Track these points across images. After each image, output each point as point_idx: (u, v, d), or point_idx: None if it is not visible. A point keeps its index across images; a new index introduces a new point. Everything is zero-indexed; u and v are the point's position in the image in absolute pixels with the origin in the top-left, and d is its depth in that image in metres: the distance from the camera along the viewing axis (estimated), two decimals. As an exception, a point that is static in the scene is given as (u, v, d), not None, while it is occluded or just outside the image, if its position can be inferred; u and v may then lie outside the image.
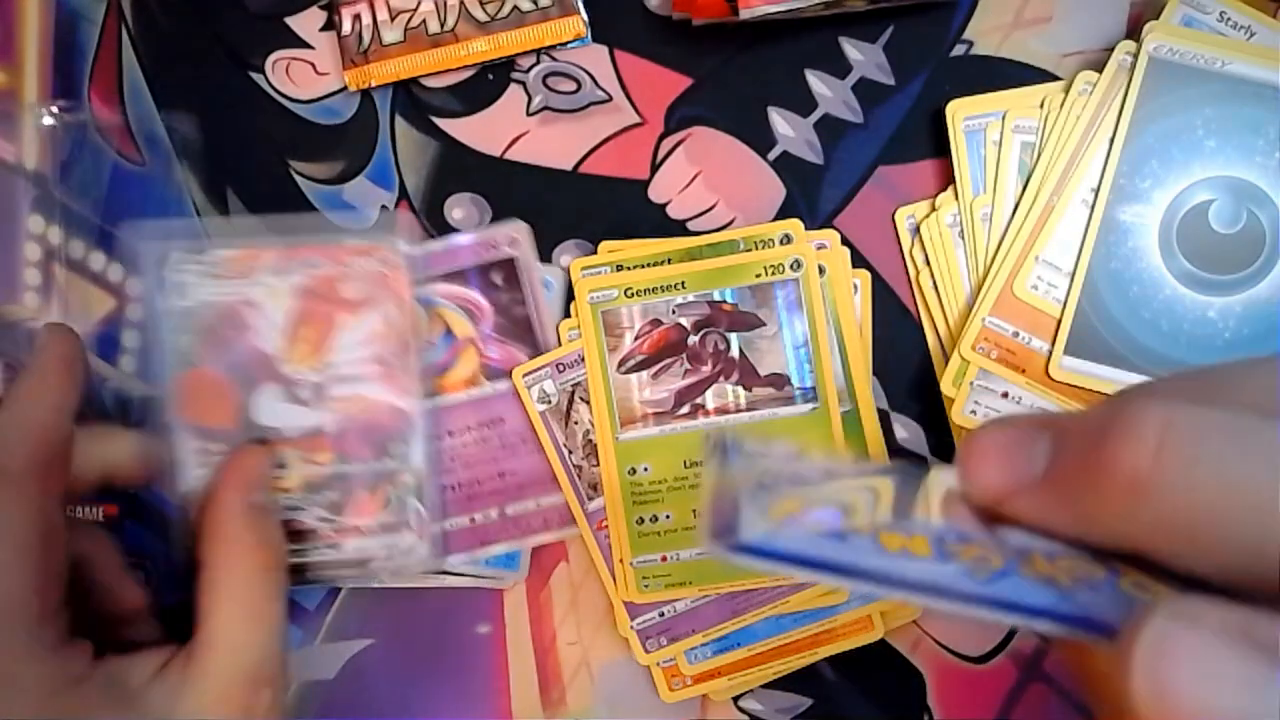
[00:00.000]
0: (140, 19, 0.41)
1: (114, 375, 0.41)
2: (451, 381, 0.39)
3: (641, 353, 0.37)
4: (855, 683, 0.38)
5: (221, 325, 0.36)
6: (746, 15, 0.35)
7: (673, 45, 0.39)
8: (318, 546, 0.37)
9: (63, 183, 0.40)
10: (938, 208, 0.37)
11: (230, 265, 0.37)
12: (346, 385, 0.37)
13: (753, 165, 0.39)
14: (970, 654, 0.38)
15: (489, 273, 0.38)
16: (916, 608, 0.36)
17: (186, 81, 0.40)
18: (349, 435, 0.37)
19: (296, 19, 0.40)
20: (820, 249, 0.37)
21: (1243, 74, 0.35)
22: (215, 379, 0.37)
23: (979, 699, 0.37)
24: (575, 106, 0.39)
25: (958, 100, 0.37)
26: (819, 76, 0.38)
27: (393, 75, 0.39)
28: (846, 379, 0.37)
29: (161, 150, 0.40)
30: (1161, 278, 0.35)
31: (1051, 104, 0.36)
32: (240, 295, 0.37)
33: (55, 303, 0.40)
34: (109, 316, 0.41)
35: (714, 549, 0.16)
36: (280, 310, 0.37)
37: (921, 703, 0.38)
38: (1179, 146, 0.35)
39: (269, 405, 0.37)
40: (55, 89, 0.41)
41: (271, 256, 0.37)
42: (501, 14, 0.38)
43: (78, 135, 0.40)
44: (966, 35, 0.38)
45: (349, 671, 0.40)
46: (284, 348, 0.37)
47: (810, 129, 0.38)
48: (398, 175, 0.40)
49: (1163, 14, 0.35)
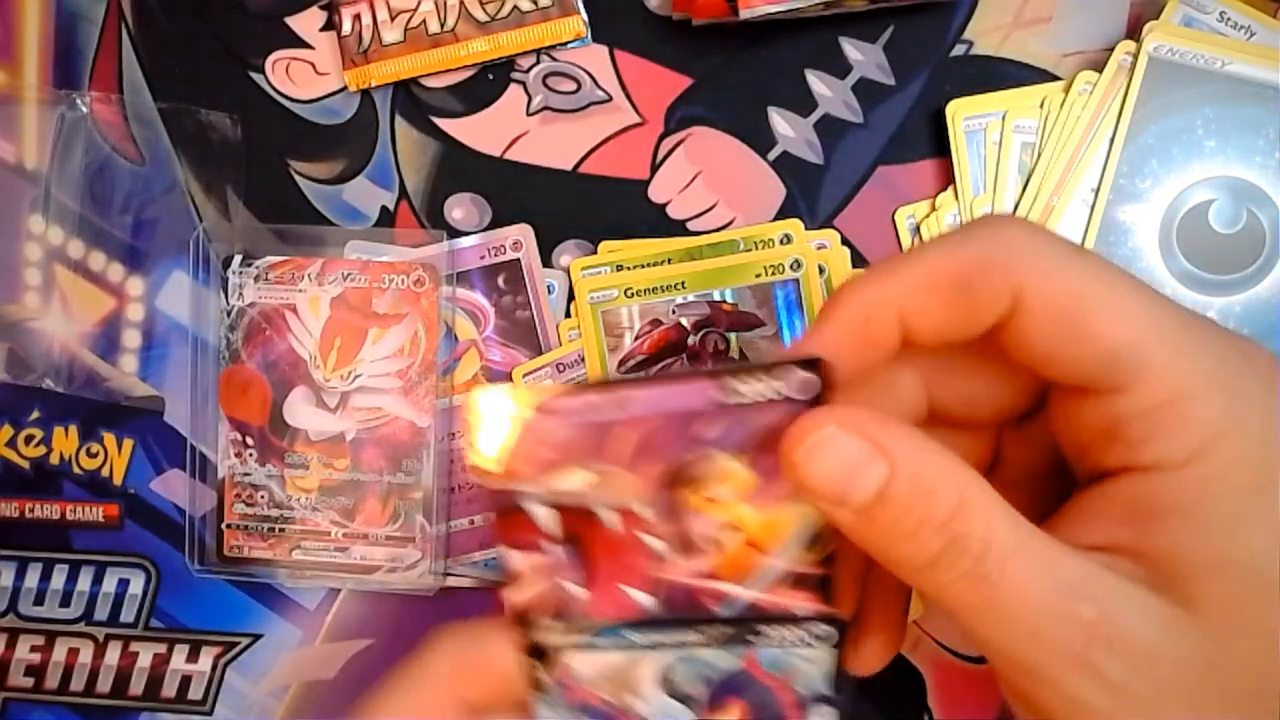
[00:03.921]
0: (140, 19, 0.41)
1: (114, 375, 0.41)
2: (453, 384, 0.39)
3: (641, 353, 0.37)
4: (855, 683, 0.38)
5: (264, 327, 0.38)
6: (746, 15, 0.35)
7: (673, 45, 0.39)
8: (328, 548, 0.38)
9: (63, 182, 0.40)
10: (938, 208, 0.37)
11: (277, 271, 0.38)
12: (368, 396, 0.38)
13: (753, 165, 0.38)
14: (970, 654, 0.38)
15: (493, 275, 0.39)
16: (917, 607, 0.36)
17: (186, 81, 0.40)
18: (367, 446, 0.38)
19: (296, 19, 0.40)
20: (820, 249, 0.37)
21: (1243, 74, 0.35)
22: (253, 377, 0.38)
23: (979, 699, 0.37)
24: (575, 106, 0.39)
25: (958, 100, 0.37)
26: (819, 76, 0.38)
27: (393, 75, 0.39)
28: (846, 379, 0.37)
29: (161, 150, 0.40)
30: (1161, 278, 0.35)
31: (1051, 104, 0.36)
32: (284, 300, 0.38)
33: (55, 303, 0.40)
34: (109, 316, 0.41)
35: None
36: (317, 318, 0.38)
37: (921, 703, 0.38)
38: (1179, 146, 0.35)
39: (299, 407, 0.38)
40: (55, 89, 0.41)
41: (315, 266, 0.38)
42: (501, 14, 0.38)
43: (78, 135, 0.40)
44: (966, 35, 0.38)
45: (349, 671, 0.40)
46: (317, 354, 0.37)
47: (810, 129, 0.38)
48: (398, 175, 0.40)
49: (1163, 14, 0.35)
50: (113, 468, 0.41)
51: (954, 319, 0.21)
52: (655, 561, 0.21)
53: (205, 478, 0.40)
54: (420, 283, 0.38)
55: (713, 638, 0.22)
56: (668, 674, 0.22)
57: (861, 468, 0.19)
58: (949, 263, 0.21)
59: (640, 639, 0.22)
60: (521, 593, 0.22)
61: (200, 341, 0.40)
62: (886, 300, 0.21)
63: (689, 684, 0.22)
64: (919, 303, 0.21)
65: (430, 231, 0.39)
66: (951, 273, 0.21)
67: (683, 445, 0.21)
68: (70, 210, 0.40)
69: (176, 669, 0.41)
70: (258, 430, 0.39)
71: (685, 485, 0.21)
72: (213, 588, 0.40)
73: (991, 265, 0.20)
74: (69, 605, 0.41)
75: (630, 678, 0.22)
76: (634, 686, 0.22)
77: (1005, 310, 0.20)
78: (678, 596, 0.21)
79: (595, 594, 0.22)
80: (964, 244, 0.21)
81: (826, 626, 0.21)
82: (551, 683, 0.23)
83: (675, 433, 0.21)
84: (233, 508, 0.39)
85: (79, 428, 0.41)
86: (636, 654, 0.22)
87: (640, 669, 0.22)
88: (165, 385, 0.40)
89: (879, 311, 0.21)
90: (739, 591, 0.21)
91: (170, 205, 0.40)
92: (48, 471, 0.41)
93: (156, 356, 0.41)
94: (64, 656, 0.41)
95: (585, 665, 0.22)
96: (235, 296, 0.39)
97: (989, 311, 0.20)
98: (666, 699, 0.22)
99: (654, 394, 0.21)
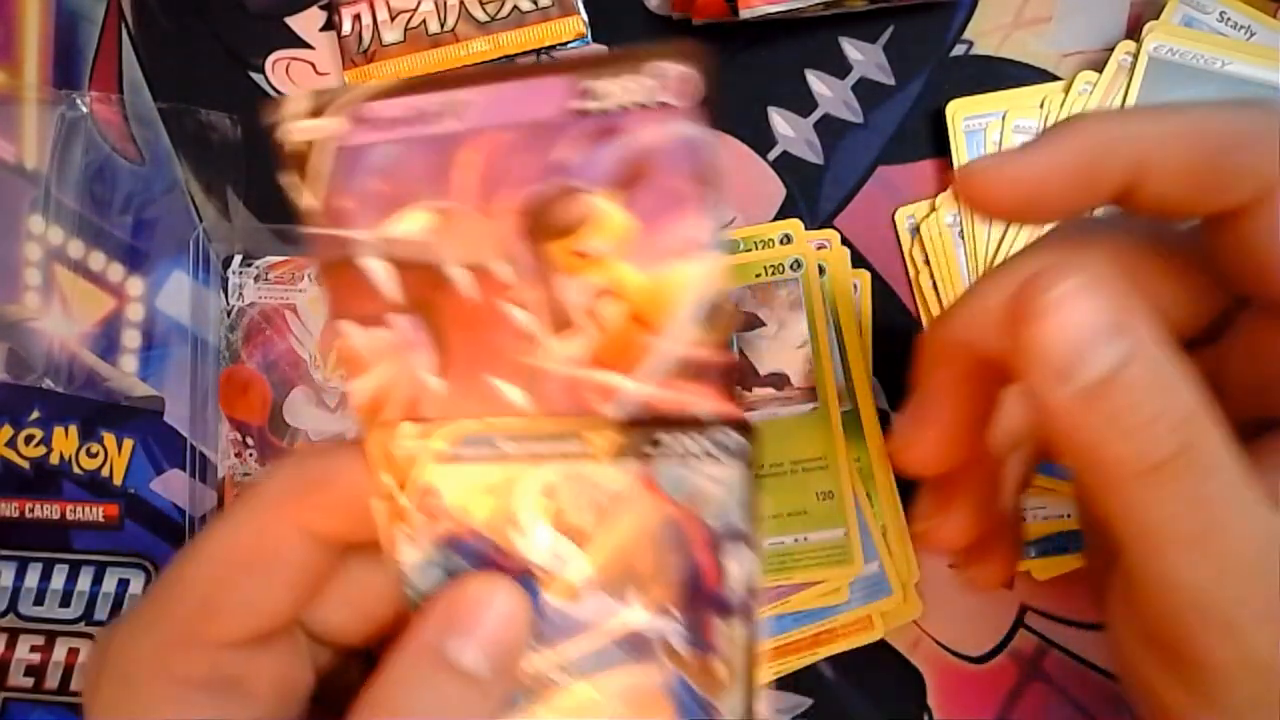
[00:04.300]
0: (140, 19, 0.41)
1: (114, 375, 0.41)
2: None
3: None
4: (855, 683, 0.38)
5: (264, 327, 0.38)
6: (746, 15, 0.35)
7: (673, 45, 0.39)
8: None
9: (63, 182, 0.40)
10: (938, 208, 0.37)
11: (277, 271, 0.38)
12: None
13: (753, 165, 0.38)
14: (970, 654, 0.38)
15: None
16: (917, 607, 0.36)
17: (186, 81, 0.40)
18: None
19: (296, 19, 0.40)
20: (820, 249, 0.37)
21: (1243, 74, 0.35)
22: (253, 377, 0.38)
23: (979, 699, 0.37)
24: (575, 106, 0.39)
25: (958, 100, 0.37)
26: (819, 76, 0.38)
27: (393, 75, 0.39)
28: (846, 379, 0.37)
29: (161, 150, 0.40)
30: (1161, 278, 0.35)
31: (1051, 104, 0.36)
32: (284, 300, 0.38)
33: (55, 303, 0.40)
34: (109, 316, 0.41)
35: None
36: (317, 318, 0.38)
37: (921, 703, 0.38)
38: (1179, 146, 0.35)
39: (299, 407, 0.38)
40: (55, 89, 0.41)
41: (315, 266, 0.38)
42: (501, 14, 0.38)
43: (78, 135, 0.40)
44: (966, 35, 0.38)
45: (349, 671, 0.40)
46: (317, 354, 0.38)
47: (810, 129, 0.38)
48: (398, 175, 0.40)
49: (1163, 14, 0.35)
50: (113, 468, 0.41)
51: (1194, 191, 0.18)
52: (522, 342, 0.17)
53: (205, 478, 0.40)
54: None
55: (600, 449, 0.18)
56: (550, 498, 0.18)
57: (1104, 338, 0.16)
58: (1220, 124, 0.18)
59: (514, 449, 0.18)
60: (367, 382, 0.18)
61: (200, 341, 0.40)
62: (1134, 142, 0.18)
63: (574, 510, 0.18)
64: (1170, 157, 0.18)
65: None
66: (1220, 135, 0.18)
67: (539, 172, 0.16)
68: (70, 210, 0.40)
69: (176, 669, 0.41)
70: (258, 430, 0.39)
71: (549, 233, 0.17)
72: (213, 588, 0.40)
73: (1264, 144, 0.18)
74: (69, 605, 0.41)
75: (506, 503, 0.19)
76: (510, 514, 0.19)
77: (1249, 200, 0.18)
78: (553, 390, 0.18)
79: (455, 385, 0.18)
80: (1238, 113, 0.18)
81: (737, 436, 0.17)
82: (411, 509, 0.19)
83: (528, 154, 0.16)
84: (233, 508, 0.39)
85: (79, 428, 0.41)
86: (509, 469, 0.18)
87: (516, 490, 0.18)
88: (165, 385, 0.40)
89: (1118, 151, 0.18)
90: (627, 386, 0.17)
91: (170, 205, 0.40)
92: (48, 471, 0.41)
93: (156, 356, 0.41)
94: (64, 656, 0.41)
95: (450, 484, 0.19)
96: (235, 296, 0.39)
97: (1235, 194, 0.18)
98: (549, 530, 0.18)
99: (496, 96, 0.16)
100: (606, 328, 0.17)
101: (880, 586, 0.36)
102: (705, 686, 0.19)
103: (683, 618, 0.19)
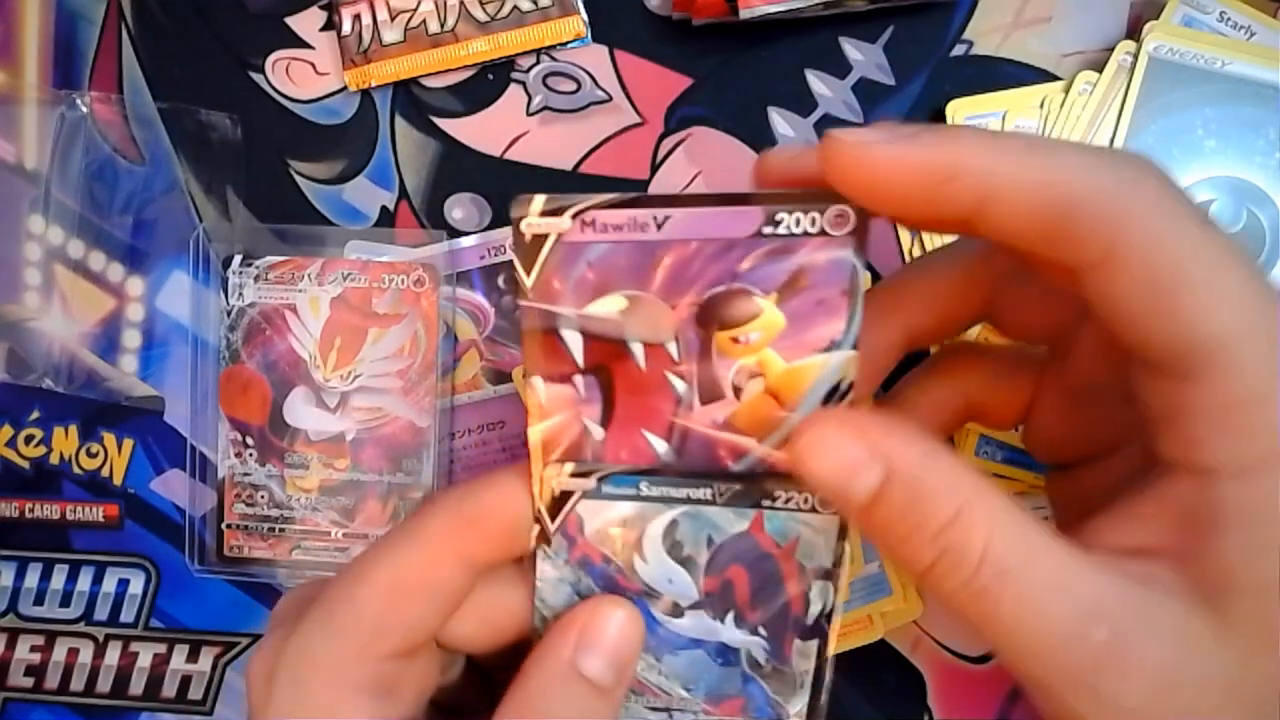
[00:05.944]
0: (140, 19, 0.41)
1: (114, 375, 0.41)
2: (453, 384, 0.39)
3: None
4: (855, 683, 0.38)
5: (264, 327, 0.38)
6: (746, 15, 0.35)
7: (673, 45, 0.39)
8: (328, 548, 0.38)
9: (63, 182, 0.40)
10: (938, 208, 0.37)
11: (277, 271, 0.38)
12: (369, 396, 0.38)
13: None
14: (970, 654, 0.38)
15: (493, 275, 0.39)
16: (917, 607, 0.36)
17: (186, 81, 0.40)
18: (367, 446, 0.38)
19: (296, 19, 0.40)
20: (820, 249, 0.37)
21: (1243, 74, 0.35)
22: (253, 377, 0.38)
23: (979, 699, 0.37)
24: (575, 106, 0.39)
25: (958, 100, 0.37)
26: (819, 76, 0.38)
27: (393, 75, 0.39)
28: (846, 379, 0.37)
29: (161, 150, 0.40)
30: (1161, 278, 0.35)
31: (1051, 104, 0.36)
32: (284, 300, 0.38)
33: (55, 303, 0.40)
34: (109, 316, 0.41)
35: None
36: (317, 318, 0.38)
37: (921, 703, 0.38)
38: (1179, 146, 0.35)
39: (299, 407, 0.38)
40: (55, 89, 0.41)
41: (315, 266, 0.38)
42: (501, 14, 0.38)
43: (78, 135, 0.40)
44: (966, 35, 0.38)
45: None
46: (317, 354, 0.38)
47: (810, 129, 0.38)
48: (398, 175, 0.40)
49: (1163, 14, 0.35)
50: (113, 468, 0.41)
51: (1035, 238, 0.19)
52: (675, 405, 0.21)
53: (205, 478, 0.40)
54: (420, 283, 0.38)
55: (722, 495, 0.22)
56: (672, 532, 0.22)
57: (859, 469, 0.19)
58: (1073, 177, 0.18)
59: (650, 490, 0.22)
60: (544, 427, 0.22)
61: (200, 341, 0.40)
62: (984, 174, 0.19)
63: (692, 544, 0.22)
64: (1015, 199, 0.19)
65: (430, 231, 0.39)
66: (1069, 188, 0.18)
67: (717, 275, 0.20)
68: (70, 210, 0.40)
69: (176, 669, 0.41)
70: (258, 430, 0.39)
71: (715, 323, 0.21)
72: (213, 588, 0.40)
73: (1110, 206, 0.18)
74: (69, 605, 0.41)
75: (635, 534, 0.22)
76: (638, 543, 0.22)
77: (1093, 260, 0.18)
78: (693, 446, 0.21)
79: (613, 436, 0.22)
80: (1099, 164, 0.18)
81: None
82: (556, 534, 0.22)
83: (711, 260, 0.20)
84: (233, 508, 0.39)
85: (79, 428, 0.41)
86: (644, 508, 0.22)
87: (646, 524, 0.22)
88: (165, 385, 0.41)
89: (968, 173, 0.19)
90: (753, 446, 0.21)
91: (170, 205, 0.40)
92: (48, 471, 0.41)
93: (156, 356, 0.41)
94: (64, 656, 0.41)
95: (592, 516, 0.22)
96: (235, 296, 0.39)
97: (1077, 251, 0.19)
98: (668, 560, 0.22)
99: (697, 215, 0.20)
100: (747, 400, 0.21)
101: (880, 586, 0.36)
102: (778, 690, 0.23)
103: (768, 636, 0.23)
